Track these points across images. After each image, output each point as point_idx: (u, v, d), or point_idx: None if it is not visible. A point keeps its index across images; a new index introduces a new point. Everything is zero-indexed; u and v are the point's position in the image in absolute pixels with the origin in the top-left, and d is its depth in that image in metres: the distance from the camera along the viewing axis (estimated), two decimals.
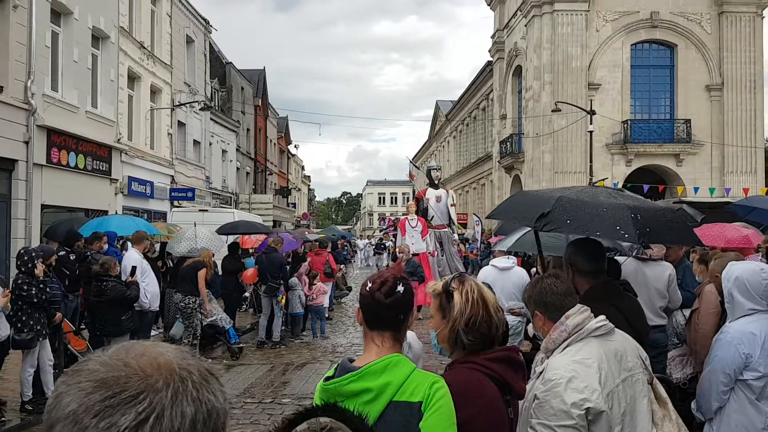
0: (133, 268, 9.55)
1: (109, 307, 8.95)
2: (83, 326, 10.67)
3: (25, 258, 7.88)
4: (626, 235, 3.68)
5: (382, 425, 2.09)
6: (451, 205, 18.25)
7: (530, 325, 5.13)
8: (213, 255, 12.95)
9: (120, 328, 8.97)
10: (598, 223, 3.73)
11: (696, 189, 25.27)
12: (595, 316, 2.87)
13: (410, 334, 3.02)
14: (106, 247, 11.38)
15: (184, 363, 0.91)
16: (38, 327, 7.82)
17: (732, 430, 3.72)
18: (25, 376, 7.90)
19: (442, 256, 17.51)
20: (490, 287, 2.68)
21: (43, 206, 15.23)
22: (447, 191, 18.70)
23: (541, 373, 2.80)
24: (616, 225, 3.67)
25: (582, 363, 2.70)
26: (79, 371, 0.88)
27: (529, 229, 5.73)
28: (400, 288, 2.25)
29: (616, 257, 5.84)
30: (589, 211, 3.81)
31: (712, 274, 4.99)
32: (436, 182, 18.70)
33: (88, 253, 10.89)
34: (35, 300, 7.76)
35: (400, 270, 11.87)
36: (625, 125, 31.05)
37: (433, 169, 19.30)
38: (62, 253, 10.32)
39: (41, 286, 7.90)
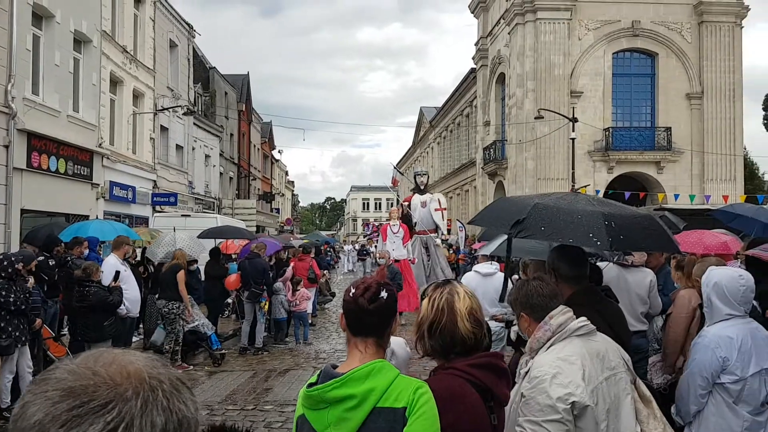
0: (117, 273, 9.48)
1: (91, 312, 8.86)
2: (64, 332, 10.56)
3: (5, 263, 7.78)
4: (598, 243, 3.73)
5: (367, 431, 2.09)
6: (436, 210, 18.09)
7: (512, 329, 5.22)
8: (196, 261, 12.89)
9: (102, 333, 8.87)
10: (572, 230, 3.78)
11: (676, 196, 25.55)
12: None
13: (398, 341, 2.99)
14: (86, 252, 11.26)
15: (154, 372, 0.90)
16: (17, 333, 7.71)
17: None
18: (4, 383, 7.79)
19: (428, 261, 17.45)
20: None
21: (23, 211, 15.05)
22: (432, 195, 18.61)
23: (527, 372, 2.85)
24: (589, 232, 3.72)
25: (566, 360, 2.76)
26: (46, 380, 0.86)
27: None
28: (384, 294, 2.25)
29: (597, 263, 5.90)
30: (564, 218, 3.85)
31: (694, 279, 5.04)
32: (422, 187, 18.67)
33: (69, 258, 10.79)
34: (12, 308, 7.66)
35: (383, 276, 11.87)
36: (607, 133, 31.31)
37: (419, 174, 19.28)
38: (41, 258, 10.19)
39: (27, 294, 7.82)
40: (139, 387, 0.86)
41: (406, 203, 18.16)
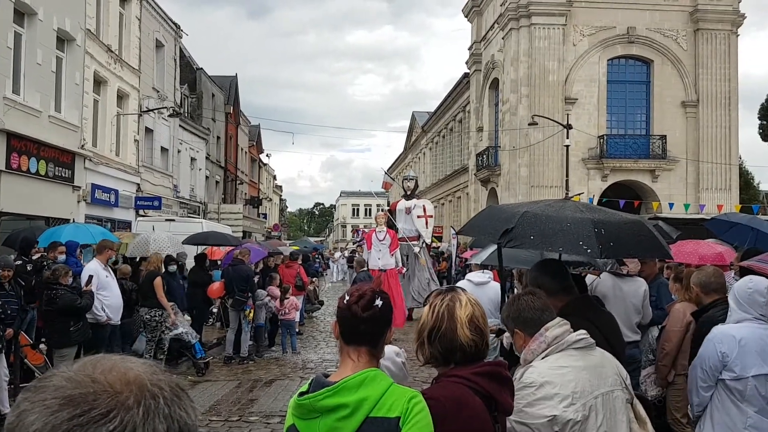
0: (90, 277, 9.25)
1: (58, 316, 8.64)
2: (43, 339, 10.19)
3: None
4: (588, 250, 3.76)
5: None
6: (419, 217, 17.45)
7: (505, 336, 5.14)
8: (177, 262, 12.63)
9: (68, 338, 8.66)
10: (561, 238, 3.82)
11: (671, 205, 25.43)
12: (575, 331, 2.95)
13: (392, 353, 2.82)
14: (63, 257, 10.88)
15: (154, 378, 0.90)
16: None
17: (715, 427, 4.00)
18: None
19: (407, 271, 16.86)
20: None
21: (1, 213, 14.85)
22: (418, 201, 17.97)
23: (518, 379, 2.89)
24: (579, 240, 3.74)
25: (558, 371, 2.79)
26: (44, 388, 0.85)
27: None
28: (378, 302, 2.23)
29: (589, 273, 6.17)
30: (553, 226, 3.88)
31: (692, 288, 5.19)
32: (408, 192, 18.14)
33: (45, 263, 10.46)
34: None
35: (378, 284, 11.44)
36: (601, 140, 31.15)
37: (406, 178, 18.79)
38: (18, 263, 9.94)
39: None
40: (140, 395, 0.86)
41: (392, 210, 17.70)
